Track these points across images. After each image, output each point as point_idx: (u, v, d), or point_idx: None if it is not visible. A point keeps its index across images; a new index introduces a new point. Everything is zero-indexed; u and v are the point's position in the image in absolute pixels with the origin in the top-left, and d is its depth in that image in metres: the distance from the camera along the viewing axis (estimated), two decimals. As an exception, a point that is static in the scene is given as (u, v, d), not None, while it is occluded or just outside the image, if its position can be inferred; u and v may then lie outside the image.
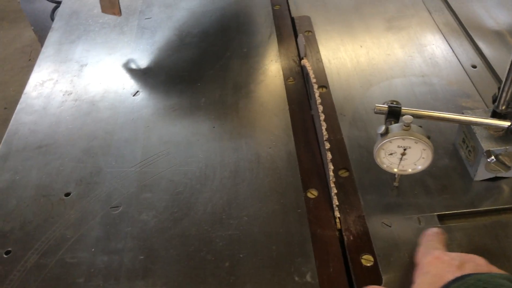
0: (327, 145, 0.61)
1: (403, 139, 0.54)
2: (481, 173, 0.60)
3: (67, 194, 0.66)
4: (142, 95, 0.82)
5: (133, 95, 0.82)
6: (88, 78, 0.86)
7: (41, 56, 0.93)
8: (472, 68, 0.78)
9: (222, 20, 0.97)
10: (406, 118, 0.54)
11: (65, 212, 0.64)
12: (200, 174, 0.67)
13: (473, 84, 0.75)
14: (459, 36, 0.85)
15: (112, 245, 0.60)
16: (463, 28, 0.86)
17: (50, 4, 1.96)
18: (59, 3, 1.35)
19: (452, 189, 0.61)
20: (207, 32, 0.94)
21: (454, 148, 0.65)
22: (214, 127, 0.74)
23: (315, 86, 0.69)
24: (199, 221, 0.61)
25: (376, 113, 0.58)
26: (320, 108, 0.65)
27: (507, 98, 0.55)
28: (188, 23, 0.97)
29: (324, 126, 0.62)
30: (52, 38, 0.97)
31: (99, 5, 0.92)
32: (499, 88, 0.57)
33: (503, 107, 0.56)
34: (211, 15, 0.99)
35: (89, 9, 1.05)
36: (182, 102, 0.79)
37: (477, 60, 0.79)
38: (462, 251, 0.54)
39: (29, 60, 2.55)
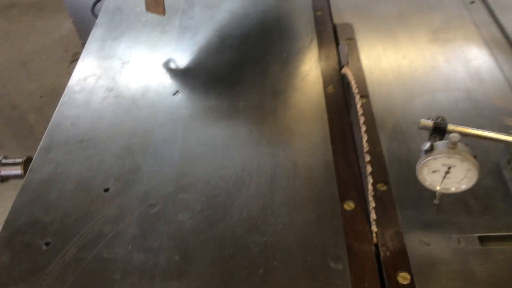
0: (367, 158, 0.61)
1: (449, 157, 0.53)
2: (527, 197, 0.58)
3: (106, 190, 0.68)
4: (181, 95, 0.83)
5: (173, 95, 0.83)
6: (130, 76, 0.88)
7: (85, 52, 0.95)
8: (519, 86, 0.76)
9: (263, 23, 0.97)
10: (453, 137, 0.53)
11: (104, 208, 0.65)
12: (237, 178, 0.68)
13: (520, 103, 0.73)
14: (506, 52, 0.83)
15: (148, 243, 0.61)
16: (508, 41, 0.83)
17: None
18: None
19: (494, 210, 0.59)
20: (248, 35, 0.94)
21: (498, 168, 0.64)
22: (252, 131, 0.74)
23: (357, 97, 0.68)
24: (234, 225, 0.62)
25: (420, 128, 0.57)
26: (362, 119, 0.64)
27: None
28: (230, 24, 0.98)
29: (365, 138, 0.62)
30: (96, 33, 0.99)
31: (142, 3, 0.94)
32: (551, 111, 0.55)
33: (555, 130, 0.54)
34: (253, 17, 0.99)
35: (133, 7, 1.06)
36: (220, 105, 0.80)
37: (525, 78, 0.77)
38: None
39: (66, 51, 2.61)
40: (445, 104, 0.74)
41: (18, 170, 0.77)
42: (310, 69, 0.84)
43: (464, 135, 0.56)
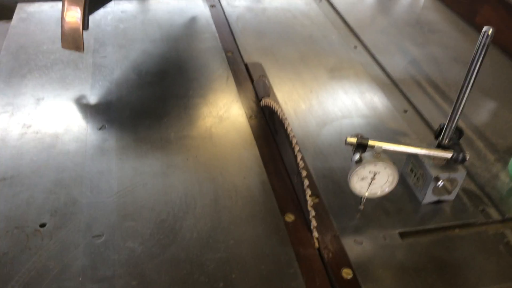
0: (304, 173, 0.68)
1: (375, 164, 0.63)
2: (428, 197, 0.71)
3: (43, 225, 0.64)
4: (108, 129, 0.83)
5: (99, 129, 0.82)
6: (48, 112, 0.85)
7: (-11, 88, 0.89)
8: (404, 113, 0.92)
9: (179, 62, 1.03)
10: (377, 148, 0.63)
11: (43, 243, 0.62)
12: (181, 202, 0.70)
13: (407, 125, 0.89)
14: (390, 86, 1.00)
15: (101, 273, 0.59)
16: (392, 80, 1.01)
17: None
18: None
19: (405, 211, 0.71)
20: (166, 72, 0.99)
21: (402, 177, 0.77)
22: (187, 159, 0.78)
23: (286, 122, 0.77)
24: (187, 246, 0.64)
25: (346, 144, 0.67)
26: (294, 140, 0.72)
27: (449, 134, 0.68)
28: (146, 63, 1.01)
29: (299, 156, 0.70)
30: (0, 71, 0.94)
31: (48, 42, 0.92)
32: (439, 126, 0.70)
33: (446, 141, 0.69)
34: (168, 57, 1.04)
35: (38, 45, 1.03)
36: (151, 136, 0.82)
37: (407, 106, 0.94)
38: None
39: None
40: (351, 128, 0.87)
41: None
42: (232, 103, 0.91)
43: (386, 148, 0.67)
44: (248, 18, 1.21)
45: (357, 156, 0.64)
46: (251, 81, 0.98)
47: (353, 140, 0.66)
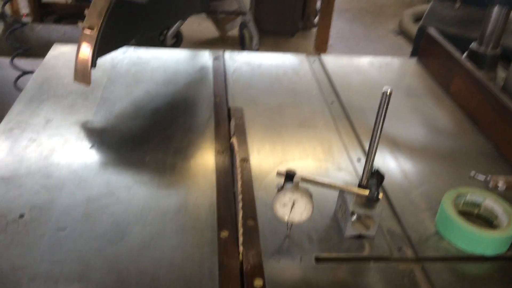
0: (240, 197, 0.80)
1: (293, 192, 0.75)
2: (349, 230, 0.81)
3: (22, 216, 0.79)
4: (97, 148, 0.99)
5: (89, 148, 0.99)
6: (52, 131, 1.03)
7: (12, 110, 1.09)
8: (357, 161, 1.03)
9: (173, 101, 1.19)
10: (296, 179, 0.75)
11: (19, 229, 0.77)
12: (137, 211, 0.83)
13: (356, 172, 0.99)
14: (351, 137, 1.11)
15: (56, 257, 0.73)
16: (355, 132, 1.13)
17: (14, 72, 2.14)
18: (24, 73, 1.51)
19: (328, 240, 0.81)
20: (159, 109, 1.15)
21: (335, 213, 0.87)
22: (153, 178, 0.92)
23: (238, 158, 0.90)
24: (131, 245, 0.76)
25: (277, 175, 0.79)
26: (239, 175, 0.85)
27: (366, 176, 0.79)
28: (144, 100, 1.18)
29: (239, 183, 0.82)
30: (24, 96, 1.14)
31: (69, 76, 1.12)
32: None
33: (364, 182, 0.79)
34: (164, 97, 1.21)
35: (60, 78, 1.24)
36: (130, 158, 0.97)
37: (361, 156, 1.04)
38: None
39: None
40: (303, 169, 0.98)
41: None
42: (206, 137, 1.06)
43: (306, 181, 0.78)
44: (243, 71, 1.38)
45: (280, 185, 0.76)
46: (229, 122, 1.12)
47: (283, 171, 0.78)
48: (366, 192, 0.78)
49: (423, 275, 0.76)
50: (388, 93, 0.71)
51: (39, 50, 1.51)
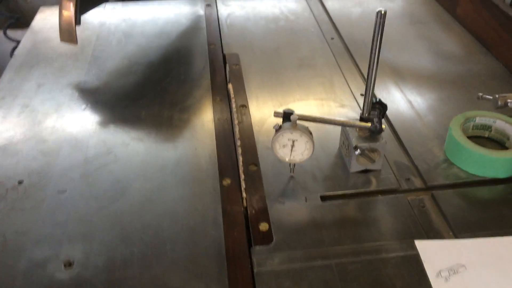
0: (238, 143, 0.78)
1: (291, 132, 0.72)
2: (354, 166, 0.78)
3: (20, 182, 0.78)
4: (90, 109, 0.96)
5: (83, 109, 0.96)
6: (44, 95, 1.00)
7: (2, 78, 1.06)
8: (360, 96, 0.98)
9: (166, 53, 1.15)
10: (293, 118, 0.72)
11: (19, 196, 0.76)
12: (136, 168, 0.81)
13: (360, 107, 0.95)
14: (354, 73, 1.06)
15: (59, 218, 0.72)
16: (357, 67, 1.08)
17: (9, 44, 2.10)
18: (19, 42, 1.46)
19: (333, 178, 0.78)
20: (152, 62, 1.11)
21: (339, 150, 0.84)
22: (150, 133, 0.89)
23: (234, 105, 0.86)
24: (132, 201, 0.75)
25: (274, 116, 0.75)
26: (236, 121, 0.82)
27: (367, 108, 0.75)
28: (136, 55, 1.14)
29: (236, 129, 0.79)
30: (14, 63, 1.11)
31: (57, 39, 1.08)
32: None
33: (366, 114, 0.76)
34: (157, 49, 1.17)
35: (48, 42, 1.20)
36: (125, 115, 0.94)
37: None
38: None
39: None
40: (305, 109, 0.95)
41: None
42: (203, 86, 1.02)
43: (305, 119, 0.75)
44: (238, 15, 1.32)
45: (277, 126, 0.72)
46: (224, 69, 1.08)
47: (280, 111, 0.75)
48: (368, 124, 0.75)
49: (432, 203, 0.74)
50: (382, 13, 0.65)
51: (32, 19, 1.46)
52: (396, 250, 0.66)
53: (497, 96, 0.77)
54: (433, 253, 0.65)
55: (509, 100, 0.76)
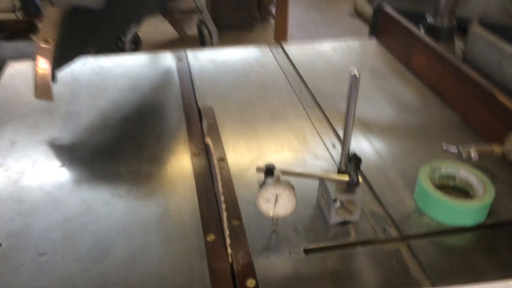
0: (222, 198, 0.80)
1: (275, 187, 0.75)
2: (334, 218, 0.81)
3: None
4: (68, 166, 0.96)
5: (60, 166, 0.96)
6: (19, 153, 0.99)
7: (-28, 134, 1.04)
8: (332, 147, 1.03)
9: (140, 108, 1.17)
10: (276, 173, 0.75)
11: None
12: (118, 225, 0.81)
13: (333, 159, 1.00)
14: (324, 124, 1.12)
15: (41, 284, 0.70)
16: (327, 118, 1.14)
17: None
18: None
19: (314, 230, 0.81)
20: (127, 117, 1.13)
21: (318, 202, 0.87)
22: (131, 190, 0.90)
23: (215, 159, 0.89)
24: (116, 262, 0.75)
25: (257, 171, 0.78)
26: (219, 176, 0.84)
27: (344, 161, 0.79)
28: (111, 110, 1.16)
29: (220, 184, 0.81)
30: (-16, 119, 1.10)
31: (29, 94, 1.08)
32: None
33: (343, 167, 0.80)
34: (131, 104, 1.18)
35: (20, 97, 1.19)
36: (104, 171, 0.94)
37: (336, 142, 1.05)
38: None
39: None
40: (280, 161, 0.98)
41: None
42: (180, 140, 1.04)
43: (287, 174, 0.78)
44: (209, 69, 1.36)
45: (261, 181, 0.75)
46: (200, 123, 1.11)
47: (262, 166, 0.78)
48: (346, 177, 0.79)
49: (409, 253, 0.78)
50: (357, 76, 0.71)
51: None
52: (380, 301, 0.69)
53: (461, 149, 0.84)
54: (414, 302, 0.68)
55: (472, 154, 0.83)
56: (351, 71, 0.71)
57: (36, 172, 0.93)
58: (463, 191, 0.89)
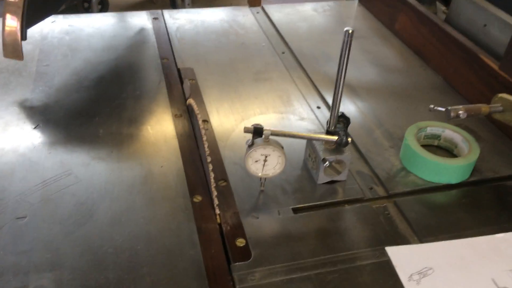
0: (209, 159, 0.77)
1: (264, 148, 0.73)
2: (322, 177, 0.81)
3: (-28, 210, 0.72)
4: (42, 128, 0.91)
5: (33, 128, 0.91)
6: (-12, 114, 0.93)
7: None
8: (317, 109, 1.02)
9: (117, 68, 1.12)
10: (266, 133, 0.73)
11: (-29, 224, 0.70)
12: (100, 188, 0.78)
13: (318, 120, 0.99)
14: (308, 86, 1.10)
15: (20, 248, 0.67)
16: (311, 80, 1.12)
17: None
18: None
19: (302, 190, 0.81)
20: (103, 77, 1.08)
21: (305, 162, 0.86)
22: (112, 152, 0.86)
23: (200, 120, 0.86)
24: (100, 224, 0.72)
25: (245, 132, 0.76)
26: (204, 136, 0.81)
27: (333, 121, 0.78)
28: (85, 70, 1.10)
29: (206, 145, 0.79)
30: None
31: (-2, 52, 1.01)
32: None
33: (332, 127, 0.79)
34: (106, 64, 1.13)
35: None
36: (82, 133, 0.90)
37: (320, 103, 1.04)
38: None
39: None
40: (266, 123, 0.96)
41: None
42: (160, 102, 1.00)
43: (275, 134, 0.76)
44: (187, 29, 1.31)
45: (249, 141, 0.73)
46: (181, 84, 1.07)
47: (250, 127, 0.76)
48: (335, 138, 0.78)
49: (396, 210, 0.78)
50: (349, 33, 0.69)
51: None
52: (369, 258, 0.69)
53: (449, 108, 0.84)
54: (403, 258, 0.69)
55: (460, 112, 0.83)
56: (346, 29, 0.69)
57: (9, 135, 0.88)
58: (447, 150, 0.90)
